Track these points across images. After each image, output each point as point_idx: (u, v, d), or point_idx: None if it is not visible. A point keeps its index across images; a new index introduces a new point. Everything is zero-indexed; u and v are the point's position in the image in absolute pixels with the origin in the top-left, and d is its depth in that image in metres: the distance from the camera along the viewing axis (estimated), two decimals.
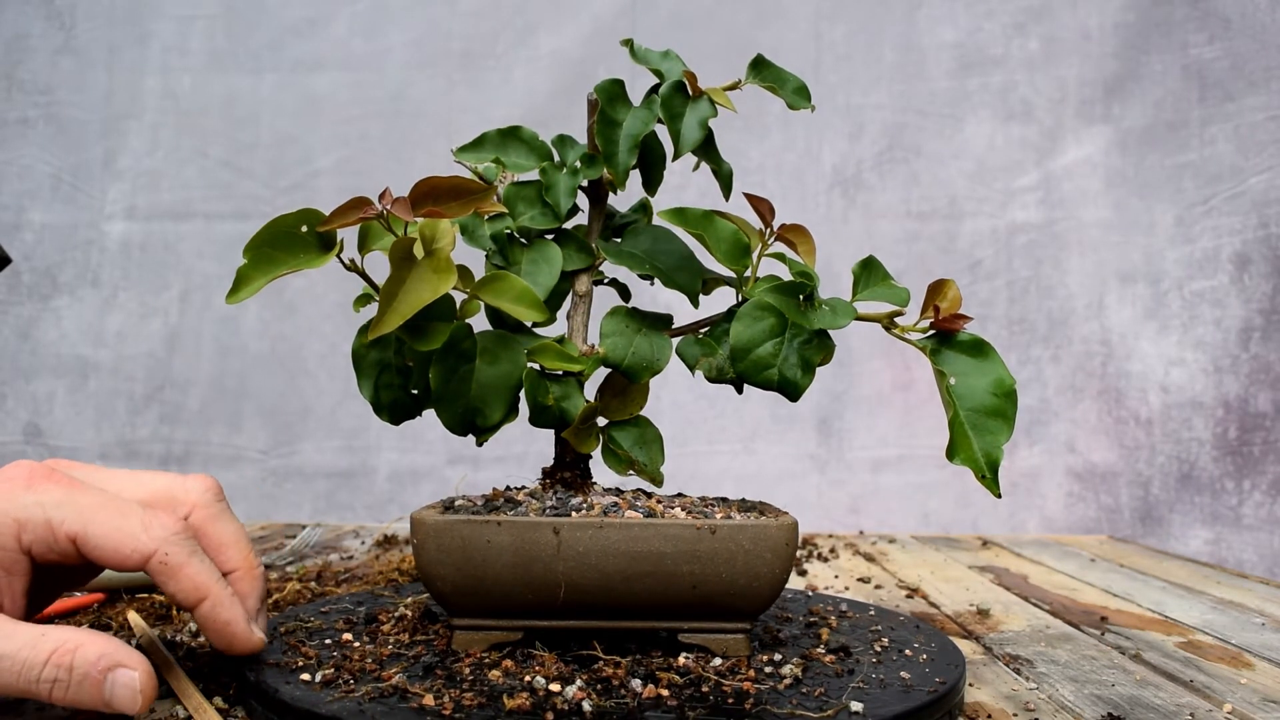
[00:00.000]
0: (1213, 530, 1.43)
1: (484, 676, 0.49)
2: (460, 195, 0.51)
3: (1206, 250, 1.45)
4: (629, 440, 0.58)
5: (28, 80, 1.56)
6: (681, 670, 0.51)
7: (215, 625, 0.48)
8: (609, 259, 0.59)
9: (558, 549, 0.51)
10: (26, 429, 1.53)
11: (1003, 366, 0.54)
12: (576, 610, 0.53)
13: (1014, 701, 0.56)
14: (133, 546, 0.46)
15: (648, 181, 0.61)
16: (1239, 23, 1.45)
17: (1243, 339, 1.43)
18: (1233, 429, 1.43)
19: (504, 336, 0.57)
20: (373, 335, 0.50)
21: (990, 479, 0.53)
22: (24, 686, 0.43)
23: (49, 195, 1.55)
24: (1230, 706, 0.55)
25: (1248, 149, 1.44)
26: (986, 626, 0.75)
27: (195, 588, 0.47)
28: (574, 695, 0.46)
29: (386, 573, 0.86)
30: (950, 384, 0.54)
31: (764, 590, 0.52)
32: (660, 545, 0.51)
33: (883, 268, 0.59)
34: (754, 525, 0.52)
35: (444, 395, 0.55)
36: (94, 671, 0.43)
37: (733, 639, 0.54)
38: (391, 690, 0.47)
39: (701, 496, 0.62)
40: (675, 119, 0.58)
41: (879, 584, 0.93)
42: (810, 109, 0.61)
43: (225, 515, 0.52)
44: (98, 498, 0.47)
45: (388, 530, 1.19)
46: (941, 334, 0.55)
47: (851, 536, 1.29)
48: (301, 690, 0.48)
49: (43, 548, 0.46)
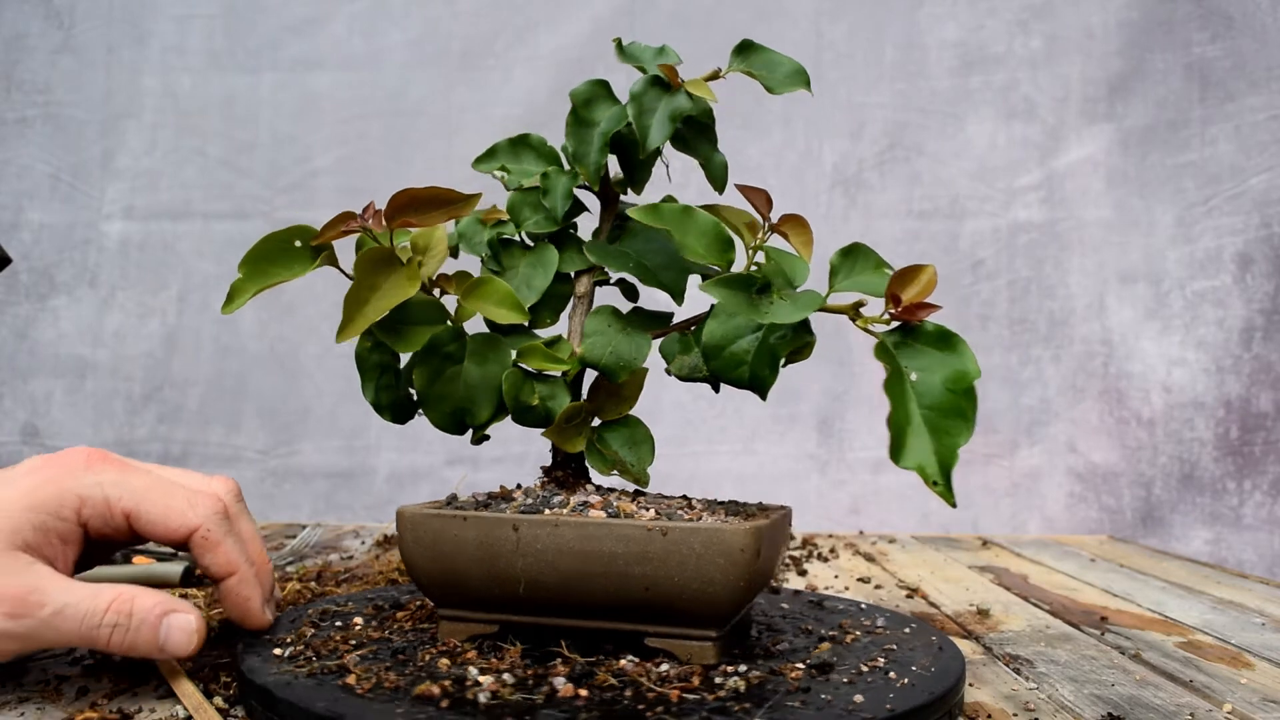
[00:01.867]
0: (1213, 530, 1.42)
1: (434, 664, 0.51)
2: (440, 204, 0.53)
3: (1208, 250, 1.45)
4: (619, 440, 0.58)
5: (26, 80, 1.56)
6: (618, 673, 0.49)
7: (238, 599, 0.54)
8: (592, 258, 0.59)
9: (517, 545, 0.52)
10: (24, 429, 1.53)
11: (970, 359, 0.50)
12: (540, 607, 0.53)
13: (1014, 701, 0.55)
14: (180, 521, 0.52)
15: (631, 180, 0.60)
16: (1241, 22, 1.44)
17: (1244, 339, 1.43)
18: (1234, 429, 1.43)
19: (492, 338, 0.58)
20: (339, 339, 0.53)
21: (943, 486, 0.48)
22: (85, 633, 0.48)
23: (47, 195, 1.55)
24: (1230, 706, 0.55)
25: (1249, 149, 1.44)
26: (986, 626, 0.75)
27: (228, 562, 0.53)
28: (488, 685, 0.47)
29: (386, 572, 0.86)
30: (911, 380, 0.50)
31: (719, 596, 0.50)
32: (612, 546, 0.50)
33: (874, 255, 0.55)
34: (705, 529, 0.50)
35: (430, 396, 0.57)
36: (150, 617, 0.49)
37: (697, 646, 0.51)
38: (335, 669, 0.50)
39: (701, 498, 0.62)
40: (645, 115, 0.56)
41: (879, 584, 0.92)
42: (806, 90, 0.59)
43: (245, 514, 0.57)
44: (149, 479, 0.53)
45: (388, 530, 1.19)
46: (905, 326, 0.51)
47: (851, 536, 1.29)
48: (259, 660, 0.51)
49: (99, 522, 0.52)
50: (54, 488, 0.51)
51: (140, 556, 0.83)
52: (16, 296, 1.54)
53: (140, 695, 0.52)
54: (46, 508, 0.50)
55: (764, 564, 0.52)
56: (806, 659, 0.53)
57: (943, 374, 0.49)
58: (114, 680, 0.55)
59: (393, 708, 0.44)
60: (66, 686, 0.53)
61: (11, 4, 1.56)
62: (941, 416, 0.49)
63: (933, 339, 0.50)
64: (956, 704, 0.51)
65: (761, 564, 0.51)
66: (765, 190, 0.57)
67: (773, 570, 0.55)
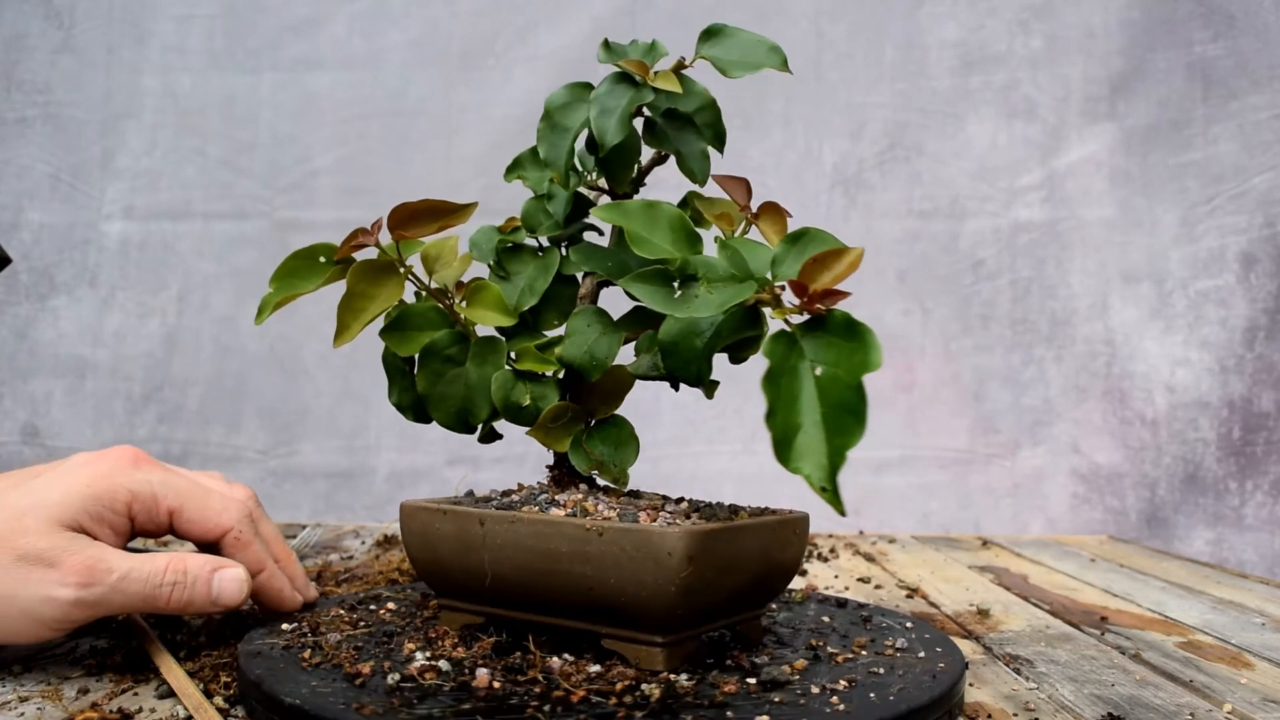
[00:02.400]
0: (1215, 531, 1.42)
1: (399, 648, 0.54)
2: (436, 215, 0.57)
3: (1211, 249, 1.44)
4: (604, 440, 0.58)
5: (26, 80, 1.56)
6: (545, 670, 0.49)
7: (270, 591, 0.60)
8: (574, 260, 0.60)
9: (483, 539, 0.53)
10: (24, 429, 1.53)
11: (874, 350, 0.45)
12: (508, 601, 0.55)
13: (1014, 701, 0.55)
14: (215, 523, 0.58)
15: (611, 179, 0.60)
16: (1243, 20, 1.44)
17: (1248, 339, 1.42)
18: (1236, 429, 1.42)
19: (493, 340, 0.60)
20: (336, 344, 0.57)
21: (831, 491, 0.45)
22: (149, 594, 0.53)
23: (47, 195, 1.55)
24: (1230, 706, 0.55)
25: (1252, 148, 1.43)
26: (986, 626, 0.74)
27: (258, 560, 0.59)
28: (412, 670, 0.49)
29: (387, 572, 0.86)
30: (816, 375, 0.45)
31: (651, 601, 0.48)
32: (558, 544, 0.51)
33: (830, 240, 0.49)
34: (635, 530, 0.49)
35: (433, 396, 0.59)
36: (203, 573, 0.55)
37: (645, 650, 0.50)
38: (311, 644, 0.54)
39: (696, 500, 0.61)
40: (605, 114, 0.56)
41: (879, 584, 0.92)
42: (779, 70, 0.58)
43: (265, 517, 0.63)
44: (189, 481, 0.58)
45: (388, 530, 1.19)
46: (815, 317, 0.47)
47: (851, 536, 1.29)
48: (260, 638, 0.56)
49: (145, 517, 0.56)
50: (108, 482, 0.55)
51: None
52: (16, 296, 1.54)
53: (140, 695, 0.52)
54: (102, 499, 0.54)
55: (707, 571, 0.49)
56: (759, 674, 0.50)
57: (846, 368, 0.45)
58: (114, 680, 0.55)
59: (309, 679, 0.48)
60: (66, 686, 0.53)
61: (11, 4, 1.56)
62: (841, 414, 0.45)
63: (840, 329, 0.46)
64: (956, 704, 0.51)
65: (700, 570, 0.48)
66: (744, 179, 0.56)
67: (736, 577, 0.52)
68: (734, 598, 0.53)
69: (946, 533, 1.40)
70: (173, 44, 1.55)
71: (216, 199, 1.54)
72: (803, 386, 0.45)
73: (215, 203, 1.54)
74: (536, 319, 0.61)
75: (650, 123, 0.59)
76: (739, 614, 0.55)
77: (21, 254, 1.53)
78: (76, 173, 1.55)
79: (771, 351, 0.46)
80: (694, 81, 0.60)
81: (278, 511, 1.48)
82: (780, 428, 0.45)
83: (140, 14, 1.56)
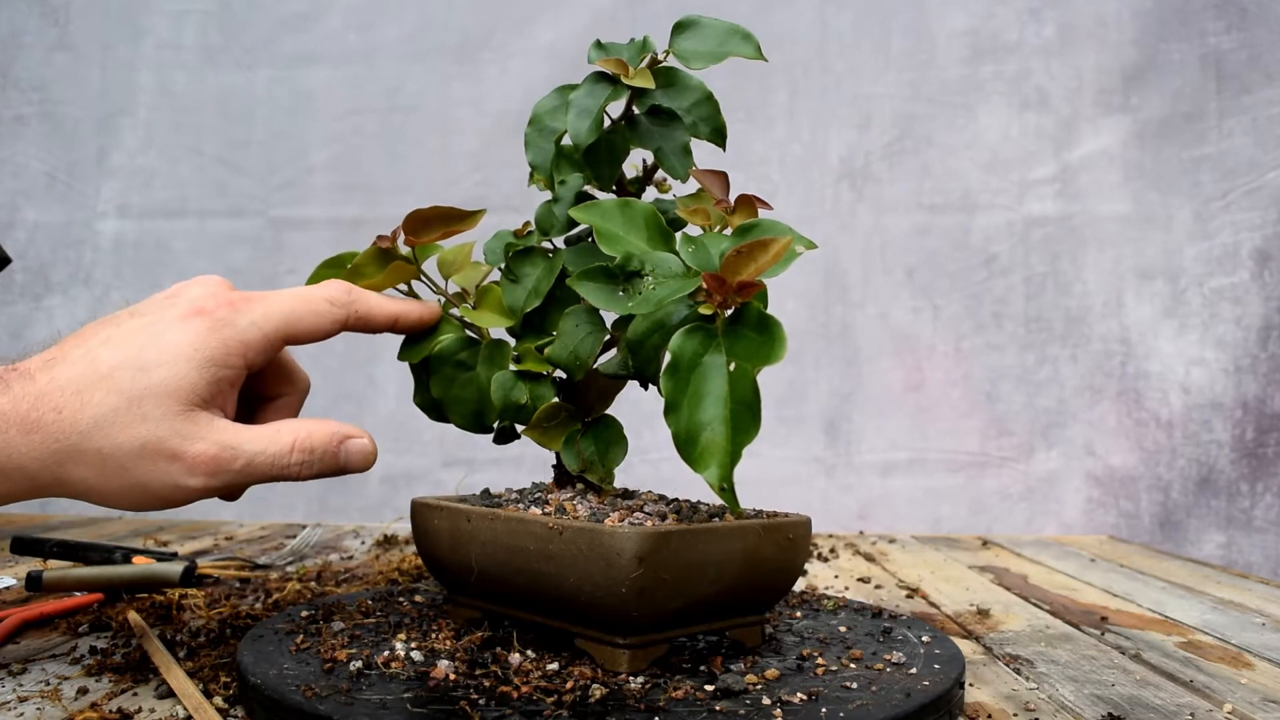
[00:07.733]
0: (1226, 534, 1.39)
1: (388, 639, 0.55)
2: (446, 221, 0.59)
3: (1226, 246, 1.41)
4: (594, 439, 0.58)
5: (22, 77, 1.55)
6: (504, 664, 0.50)
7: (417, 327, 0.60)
8: (567, 261, 0.59)
9: (471, 536, 0.54)
10: None
11: (779, 344, 0.44)
12: (495, 596, 0.55)
13: (1014, 701, 0.55)
14: (331, 320, 0.56)
15: (596, 177, 0.59)
16: (1256, 13, 1.41)
17: (1262, 337, 1.39)
18: (1249, 430, 1.39)
19: (500, 344, 0.61)
20: None
21: (729, 490, 0.44)
22: (277, 473, 0.53)
23: (42, 193, 1.54)
24: (1230, 706, 0.54)
25: (1266, 142, 1.40)
26: (986, 626, 0.74)
27: (386, 315, 0.58)
28: (382, 659, 0.50)
29: (387, 572, 0.87)
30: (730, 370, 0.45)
31: (606, 602, 0.47)
32: (527, 542, 0.51)
33: (780, 228, 0.49)
34: (590, 530, 0.48)
35: (448, 400, 0.60)
36: (330, 446, 0.54)
37: (609, 652, 0.49)
38: (312, 631, 0.56)
39: (695, 501, 0.60)
40: (581, 115, 0.56)
41: (879, 584, 0.92)
42: (751, 57, 0.56)
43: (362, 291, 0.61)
44: (282, 299, 0.55)
45: (387, 530, 1.19)
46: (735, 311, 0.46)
47: (852, 536, 1.27)
48: (274, 623, 0.57)
49: (260, 359, 0.54)
50: (216, 338, 0.52)
51: (140, 557, 0.85)
52: (11, 296, 1.53)
53: (140, 695, 0.52)
54: (216, 360, 0.52)
55: (663, 572, 0.47)
56: (717, 682, 0.48)
57: (752, 362, 0.44)
58: (114, 680, 0.55)
59: (284, 662, 0.50)
60: (66, 686, 0.53)
61: (7, 2, 1.55)
62: (741, 412, 0.44)
63: (754, 324, 0.45)
64: (956, 704, 0.50)
65: (654, 572, 0.47)
66: (723, 173, 0.55)
67: (705, 581, 0.50)
68: (709, 602, 0.51)
69: (946, 532, 1.37)
70: (167, 41, 1.54)
71: (212, 197, 1.53)
72: (712, 382, 0.45)
73: (210, 201, 1.53)
74: (543, 320, 0.61)
75: (633, 120, 0.59)
76: (726, 619, 0.54)
77: (17, 253, 1.51)
78: (72, 171, 1.54)
79: (680, 346, 0.46)
80: (688, 75, 0.58)
81: (270, 514, 1.46)
82: (684, 425, 0.44)
83: (135, 10, 1.55)
